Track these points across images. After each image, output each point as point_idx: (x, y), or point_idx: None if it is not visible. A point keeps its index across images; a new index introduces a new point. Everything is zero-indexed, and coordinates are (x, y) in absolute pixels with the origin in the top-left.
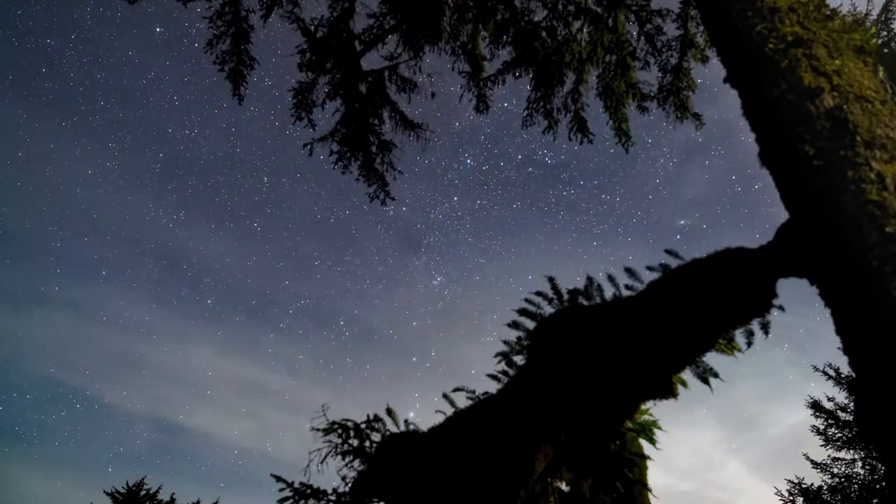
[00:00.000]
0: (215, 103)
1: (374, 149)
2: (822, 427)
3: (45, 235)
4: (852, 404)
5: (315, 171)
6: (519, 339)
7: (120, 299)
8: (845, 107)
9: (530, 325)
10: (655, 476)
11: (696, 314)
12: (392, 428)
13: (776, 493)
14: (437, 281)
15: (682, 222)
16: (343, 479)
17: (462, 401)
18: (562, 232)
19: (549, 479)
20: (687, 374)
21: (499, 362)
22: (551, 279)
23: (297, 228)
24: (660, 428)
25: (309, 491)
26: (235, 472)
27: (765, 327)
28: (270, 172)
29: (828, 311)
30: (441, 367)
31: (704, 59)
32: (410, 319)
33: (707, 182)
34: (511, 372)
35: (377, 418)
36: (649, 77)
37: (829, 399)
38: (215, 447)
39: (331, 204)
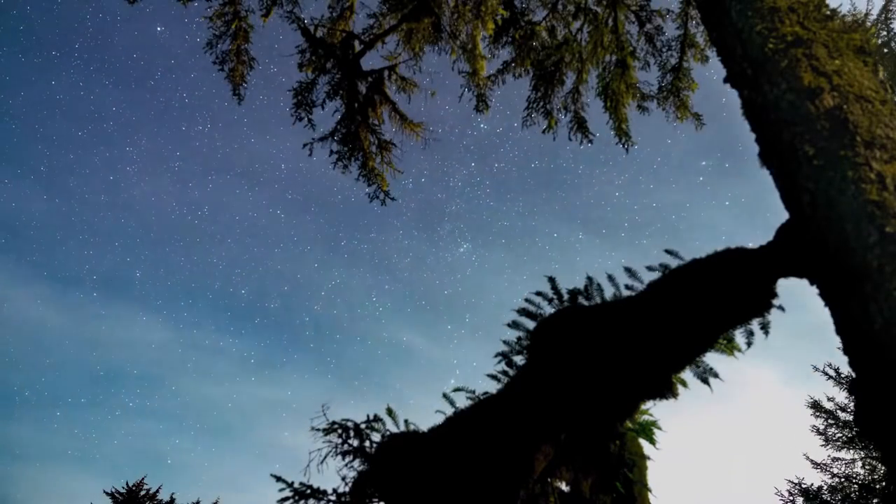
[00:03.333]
0: (224, 97)
1: (373, 148)
2: (822, 427)
3: (76, 244)
4: (852, 404)
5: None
6: (519, 339)
7: (157, 298)
8: (845, 107)
9: (530, 325)
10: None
11: (695, 314)
12: (392, 428)
13: (776, 493)
14: (463, 248)
15: (703, 163)
16: (343, 479)
17: (462, 401)
18: (583, 186)
19: (549, 479)
20: (687, 374)
21: (499, 362)
22: (551, 279)
23: (318, 211)
24: (660, 428)
25: (309, 491)
26: None
27: (765, 327)
28: (286, 159)
29: (828, 311)
30: (477, 332)
31: (704, 59)
32: (441, 288)
33: (726, 120)
34: (511, 372)
35: (377, 418)
36: (649, 77)
37: (829, 399)
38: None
39: (349, 184)
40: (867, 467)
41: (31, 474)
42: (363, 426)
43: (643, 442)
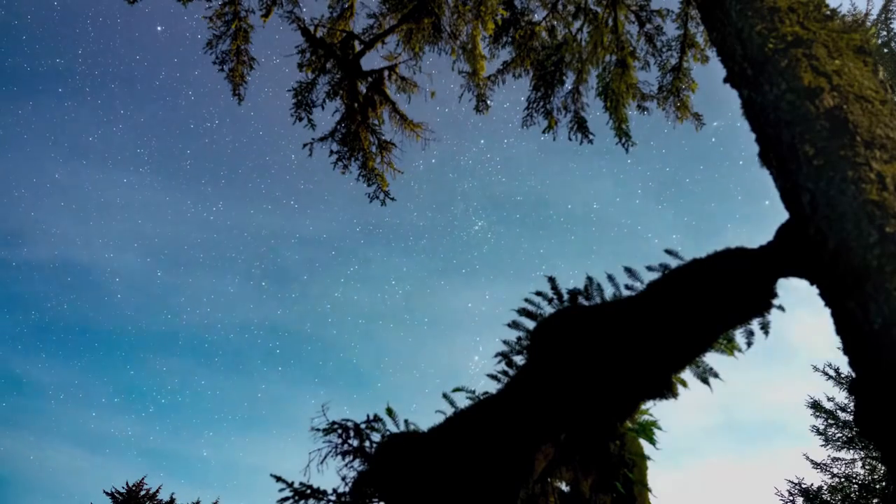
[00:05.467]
0: (230, 92)
1: (373, 148)
2: (822, 427)
3: (95, 248)
4: (852, 404)
5: None
6: (519, 339)
7: (181, 295)
8: (845, 107)
9: (530, 325)
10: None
11: (696, 314)
12: (392, 428)
13: (776, 493)
14: (478, 226)
15: (715, 124)
16: (343, 479)
17: (462, 401)
18: (594, 156)
19: (549, 479)
20: (687, 374)
21: (499, 362)
22: (551, 279)
23: (332, 199)
24: (660, 428)
25: (309, 491)
26: None
27: (765, 327)
28: (297, 150)
29: (828, 311)
30: (497, 309)
31: (704, 59)
32: (459, 267)
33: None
34: (511, 372)
35: (377, 418)
36: (649, 77)
37: (829, 399)
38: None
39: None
40: (867, 467)
41: (73, 479)
42: (363, 426)
43: (643, 442)
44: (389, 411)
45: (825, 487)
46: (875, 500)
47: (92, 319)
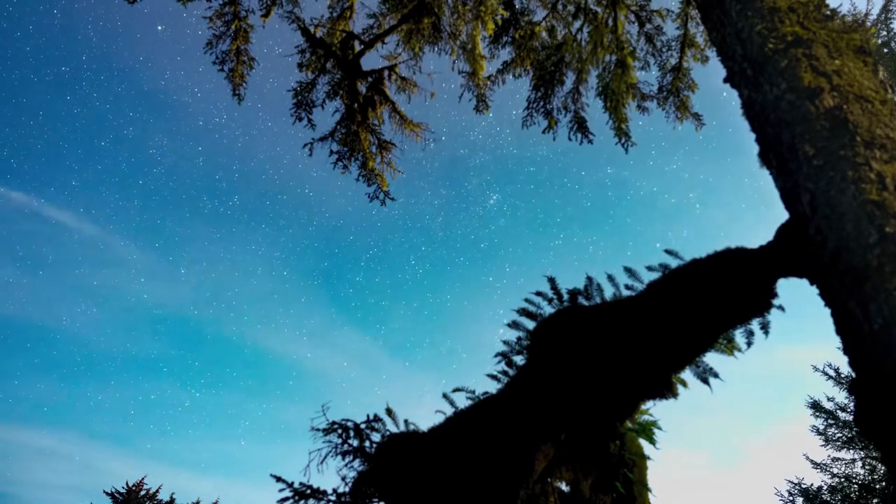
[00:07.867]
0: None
1: (373, 148)
2: (822, 427)
3: (117, 250)
4: (852, 404)
5: None
6: (519, 339)
7: (205, 290)
8: (845, 107)
9: (530, 325)
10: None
11: (695, 314)
12: (392, 428)
13: (776, 493)
14: (493, 200)
15: (723, 76)
16: (343, 479)
17: (462, 401)
18: (603, 125)
19: (549, 479)
20: (687, 374)
21: (499, 362)
22: (551, 279)
23: (345, 186)
24: (660, 428)
25: (309, 491)
26: None
27: (765, 327)
28: (306, 140)
29: (828, 311)
30: (519, 280)
31: (704, 59)
32: (477, 242)
33: None
34: (511, 372)
35: (377, 418)
36: (649, 77)
37: (829, 399)
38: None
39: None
40: (867, 467)
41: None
42: (363, 426)
43: (643, 442)
44: (389, 411)
45: (825, 487)
46: (875, 500)
47: (120, 320)
